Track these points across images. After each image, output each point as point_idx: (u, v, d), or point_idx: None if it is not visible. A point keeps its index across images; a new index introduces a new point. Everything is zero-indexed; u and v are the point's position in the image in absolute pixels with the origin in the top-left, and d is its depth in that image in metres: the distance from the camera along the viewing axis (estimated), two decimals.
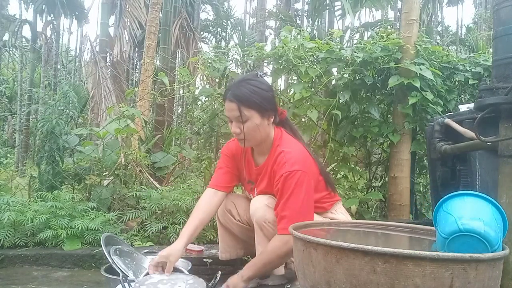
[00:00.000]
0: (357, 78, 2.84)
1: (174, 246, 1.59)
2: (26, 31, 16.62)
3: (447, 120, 2.01)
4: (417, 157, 3.08)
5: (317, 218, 1.76)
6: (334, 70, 2.93)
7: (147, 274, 1.52)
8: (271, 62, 2.93)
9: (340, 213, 1.84)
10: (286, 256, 1.61)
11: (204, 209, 1.71)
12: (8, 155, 11.52)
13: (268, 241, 1.70)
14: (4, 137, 15.19)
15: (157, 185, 3.08)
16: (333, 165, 3.12)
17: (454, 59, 2.91)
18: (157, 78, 3.49)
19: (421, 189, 3.40)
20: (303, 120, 3.09)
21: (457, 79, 2.90)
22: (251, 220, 1.72)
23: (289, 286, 1.81)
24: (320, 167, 1.78)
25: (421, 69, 2.60)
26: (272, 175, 1.66)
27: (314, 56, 2.81)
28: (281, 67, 2.86)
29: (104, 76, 8.44)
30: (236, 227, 1.85)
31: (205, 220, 1.73)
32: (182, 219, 2.52)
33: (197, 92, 3.23)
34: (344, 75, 2.78)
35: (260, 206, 1.65)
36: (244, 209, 1.78)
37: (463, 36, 15.82)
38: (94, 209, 2.59)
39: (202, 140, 3.43)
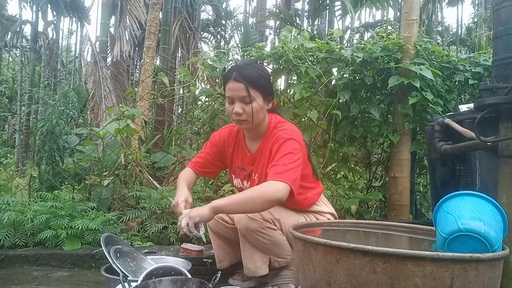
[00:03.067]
0: (357, 78, 2.84)
1: (184, 191, 1.76)
2: (27, 31, 16.65)
3: (447, 120, 2.01)
4: (417, 157, 3.07)
5: (302, 217, 1.77)
6: (334, 70, 2.93)
7: (149, 272, 1.51)
8: (271, 62, 2.93)
9: (323, 204, 1.88)
10: (267, 203, 1.48)
11: (188, 180, 1.86)
12: (8, 155, 11.52)
13: (253, 247, 1.72)
14: (4, 137, 15.19)
15: (157, 185, 3.08)
16: (333, 165, 3.12)
17: (454, 59, 2.90)
18: (157, 78, 3.49)
19: (421, 189, 3.40)
20: (303, 120, 3.09)
21: (457, 79, 2.90)
22: None
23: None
24: (309, 153, 1.82)
25: (421, 69, 2.60)
26: (270, 156, 1.67)
27: (314, 56, 2.81)
28: (281, 67, 2.86)
29: (104, 76, 8.44)
30: (232, 231, 1.84)
31: (190, 187, 1.88)
32: None
33: (197, 92, 3.23)
34: (344, 75, 2.77)
35: (243, 217, 1.67)
36: None
37: (463, 36, 15.83)
38: (94, 209, 2.59)
39: (202, 140, 3.43)
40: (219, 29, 16.08)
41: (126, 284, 1.41)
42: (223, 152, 1.89)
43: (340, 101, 2.77)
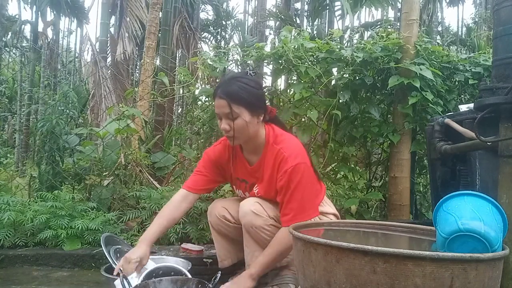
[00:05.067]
0: (357, 78, 2.84)
1: (142, 250, 1.60)
2: (27, 32, 16.67)
3: (447, 120, 2.01)
4: (417, 157, 3.07)
5: None
6: (334, 70, 2.93)
7: (149, 273, 1.51)
8: (271, 62, 2.93)
9: (326, 205, 1.88)
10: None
11: (169, 216, 1.74)
12: (8, 155, 11.53)
13: (256, 244, 1.73)
14: (4, 137, 15.20)
15: (157, 185, 3.08)
16: (333, 165, 3.12)
17: (454, 59, 2.90)
18: (157, 78, 3.49)
19: (421, 189, 3.40)
20: (303, 120, 3.09)
21: (457, 79, 2.90)
22: None
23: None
24: (310, 157, 1.82)
25: (421, 69, 2.60)
26: (273, 173, 1.68)
27: (314, 56, 2.81)
28: (281, 67, 2.85)
29: (104, 76, 8.44)
30: (234, 230, 1.85)
31: (167, 227, 1.78)
32: (182, 219, 2.52)
33: (197, 92, 3.23)
34: (344, 75, 2.77)
35: (248, 212, 1.68)
36: (237, 210, 1.78)
37: (463, 36, 15.83)
38: (94, 209, 2.59)
39: (202, 140, 3.43)
40: (219, 29, 16.08)
41: (126, 283, 1.41)
42: (222, 167, 1.87)
43: (340, 101, 2.77)
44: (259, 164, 1.74)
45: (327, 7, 8.06)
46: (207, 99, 3.30)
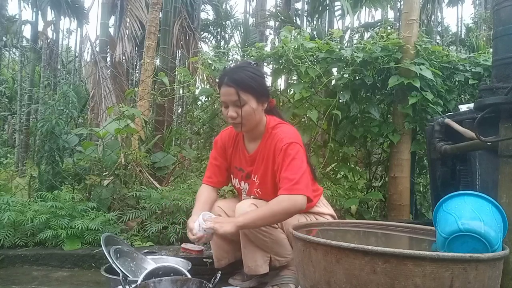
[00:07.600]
0: (357, 78, 2.84)
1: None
2: (26, 32, 16.68)
3: (447, 120, 2.01)
4: (417, 157, 3.07)
5: (303, 217, 1.78)
6: (334, 70, 2.93)
7: (149, 272, 1.51)
8: (271, 62, 2.93)
9: (323, 206, 1.89)
10: (287, 215, 1.60)
11: (206, 202, 1.81)
12: (8, 155, 11.53)
13: (253, 245, 1.73)
14: (4, 137, 15.19)
15: (157, 185, 3.08)
16: (333, 165, 3.12)
17: (454, 59, 2.90)
18: (157, 78, 3.49)
19: (421, 189, 3.40)
20: (303, 120, 3.09)
21: (457, 79, 2.89)
22: None
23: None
24: (307, 155, 1.83)
25: (421, 69, 2.60)
26: (269, 154, 1.70)
27: (314, 56, 2.81)
28: (281, 67, 2.86)
29: (104, 76, 8.44)
30: None
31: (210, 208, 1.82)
32: (182, 219, 2.52)
33: (197, 92, 3.23)
34: (344, 75, 2.78)
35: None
36: (233, 210, 1.77)
37: (463, 36, 15.83)
38: (94, 209, 2.59)
39: (202, 140, 3.44)
40: (218, 29, 16.09)
41: (126, 284, 1.41)
42: (226, 153, 1.90)
43: (340, 101, 2.77)
44: (256, 152, 1.77)
45: (327, 7, 8.06)
46: (207, 99, 3.30)
